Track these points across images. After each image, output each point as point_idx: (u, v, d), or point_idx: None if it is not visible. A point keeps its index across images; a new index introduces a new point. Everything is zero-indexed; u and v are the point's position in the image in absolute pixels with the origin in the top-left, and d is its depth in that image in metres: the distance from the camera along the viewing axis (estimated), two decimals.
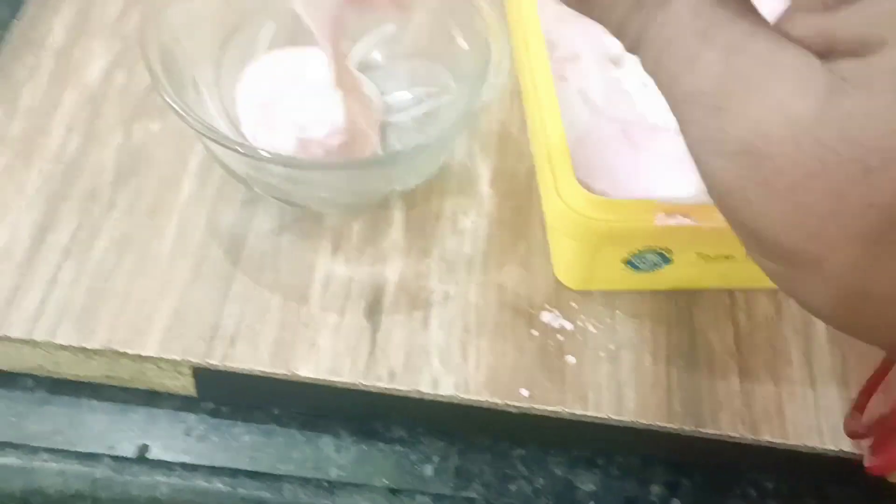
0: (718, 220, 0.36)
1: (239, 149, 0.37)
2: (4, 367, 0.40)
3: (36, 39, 0.49)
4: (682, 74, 0.22)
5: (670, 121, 0.43)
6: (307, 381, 0.39)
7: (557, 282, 0.42)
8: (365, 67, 0.47)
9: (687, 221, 0.36)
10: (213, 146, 0.38)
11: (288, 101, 0.42)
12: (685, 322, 0.42)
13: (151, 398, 0.41)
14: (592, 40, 0.46)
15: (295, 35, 0.46)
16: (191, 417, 0.41)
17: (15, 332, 0.39)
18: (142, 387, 0.40)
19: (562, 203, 0.36)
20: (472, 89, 0.43)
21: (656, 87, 0.24)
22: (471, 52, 0.44)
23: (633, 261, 0.39)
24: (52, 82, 0.48)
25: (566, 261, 0.41)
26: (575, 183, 0.36)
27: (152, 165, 0.45)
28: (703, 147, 0.22)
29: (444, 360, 0.40)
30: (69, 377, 0.40)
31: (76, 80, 0.48)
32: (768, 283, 0.41)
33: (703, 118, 0.22)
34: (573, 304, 0.42)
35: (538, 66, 0.41)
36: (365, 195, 0.42)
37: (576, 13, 0.47)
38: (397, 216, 0.44)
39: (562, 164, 0.37)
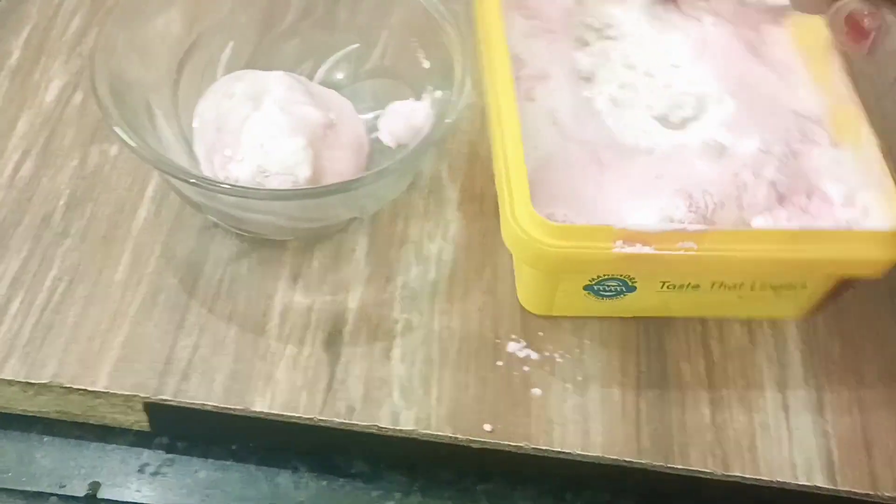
0: (680, 249, 0.35)
1: (189, 179, 0.36)
2: None
3: None
4: None
5: (642, 141, 0.43)
6: (262, 416, 0.37)
7: (524, 310, 0.41)
8: (328, 87, 0.46)
9: (647, 250, 0.35)
10: (164, 174, 0.37)
11: (249, 130, 0.41)
12: (655, 350, 0.40)
13: (105, 433, 0.39)
14: (562, 57, 0.45)
15: (254, 56, 0.45)
16: (145, 453, 0.39)
17: None
18: (95, 422, 0.39)
19: (517, 228, 0.35)
20: (435, 110, 0.41)
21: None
22: (433, 71, 0.43)
23: (595, 287, 0.38)
24: (8, 103, 0.46)
25: (528, 286, 0.40)
26: (530, 208, 0.35)
27: (108, 190, 0.44)
28: None
29: (406, 394, 0.38)
30: (19, 412, 0.39)
31: (32, 101, 0.47)
32: (737, 312, 0.41)
33: None
34: (540, 333, 0.41)
35: (501, 86, 0.40)
36: (324, 222, 0.41)
37: (546, 35, 0.46)
38: (361, 242, 0.43)
39: (519, 188, 0.36)
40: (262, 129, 0.41)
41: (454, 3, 0.51)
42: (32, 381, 0.37)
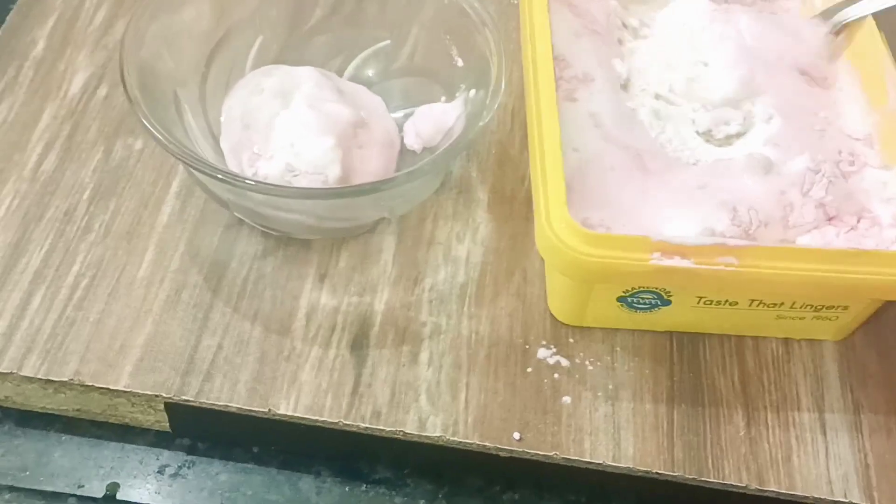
0: (719, 264, 0.34)
1: (217, 174, 0.35)
2: None
3: (18, 49, 0.48)
4: None
5: (685, 155, 0.41)
6: (286, 419, 0.37)
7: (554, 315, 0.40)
8: (359, 85, 0.45)
9: (685, 263, 0.33)
10: (191, 170, 0.36)
11: (278, 127, 0.40)
12: (689, 361, 0.39)
13: (124, 433, 0.39)
14: (606, 61, 0.44)
15: (282, 51, 0.45)
16: (165, 454, 0.38)
17: None
18: (115, 421, 0.38)
19: (552, 235, 0.34)
20: (468, 110, 0.41)
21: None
22: (467, 69, 0.42)
23: (629, 299, 0.37)
24: (31, 95, 0.46)
25: (559, 295, 0.39)
26: (566, 214, 0.34)
27: (132, 185, 0.43)
28: None
29: (433, 399, 0.37)
30: (38, 409, 0.38)
31: (57, 92, 0.46)
32: (774, 332, 0.40)
33: None
34: (570, 340, 0.40)
35: (543, 85, 0.38)
36: (352, 222, 0.40)
37: (591, 36, 0.45)
38: (388, 242, 0.42)
39: (555, 193, 0.35)
40: (291, 128, 0.40)
41: (488, 2, 0.50)
42: (53, 379, 0.37)
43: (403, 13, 0.45)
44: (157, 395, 0.37)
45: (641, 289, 0.37)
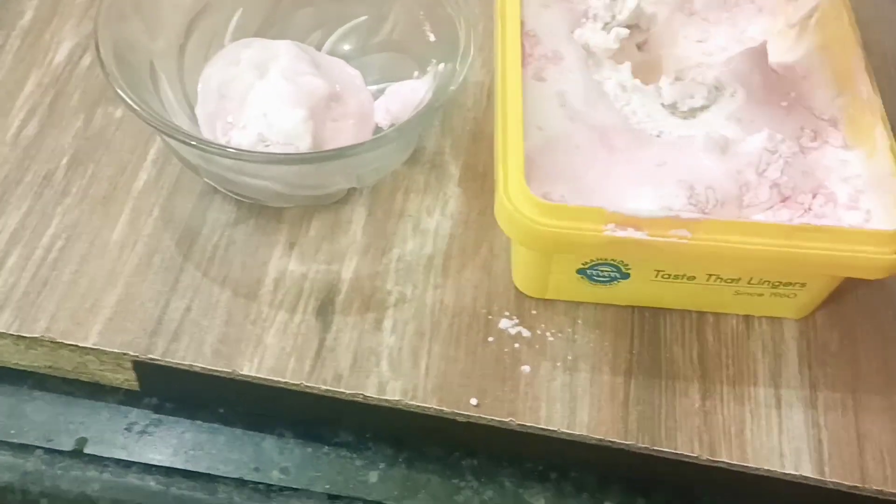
0: (672, 237, 0.35)
1: (189, 141, 0.36)
2: None
3: (6, 19, 0.49)
4: None
5: (649, 127, 0.42)
6: (249, 379, 0.38)
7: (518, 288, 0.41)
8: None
9: (639, 235, 0.34)
10: (163, 136, 0.37)
11: (252, 98, 0.41)
12: (650, 335, 0.40)
13: (95, 391, 0.40)
14: (573, 32, 0.44)
15: (263, 24, 0.45)
16: (133, 412, 0.39)
17: None
18: (85, 379, 0.39)
19: (509, 205, 0.35)
20: (437, 83, 0.41)
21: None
22: (438, 44, 0.43)
23: (589, 272, 0.37)
24: (17, 62, 0.47)
25: (522, 268, 0.40)
26: (524, 185, 0.35)
27: (110, 152, 0.44)
28: None
29: (394, 365, 0.38)
30: (11, 366, 0.39)
31: (42, 61, 0.47)
32: (734, 309, 0.40)
33: None
34: (533, 312, 0.40)
35: (509, 62, 0.39)
36: (322, 190, 0.41)
37: (560, 5, 0.45)
38: (359, 213, 0.43)
39: (514, 165, 0.36)
40: (265, 98, 0.41)
41: None
42: (24, 335, 0.38)
43: None
44: (124, 354, 0.38)
45: (599, 261, 0.37)
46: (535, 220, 0.35)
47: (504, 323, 0.40)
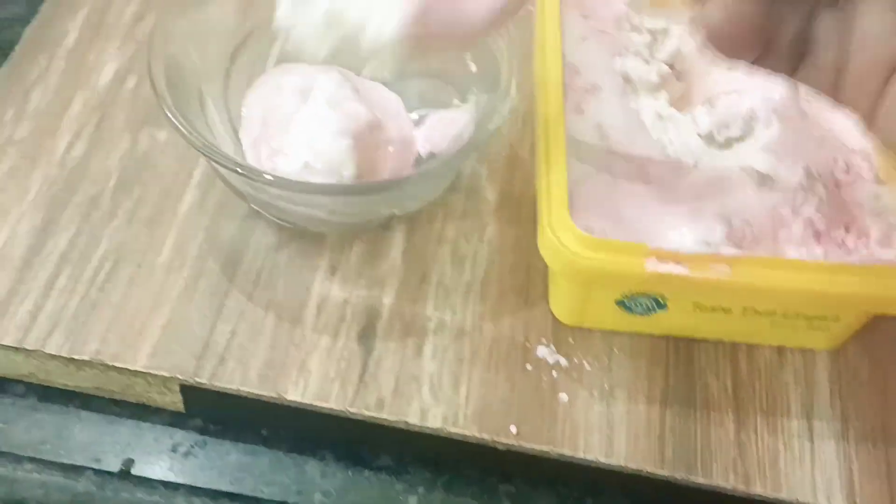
0: (713, 272, 0.36)
1: (237, 169, 0.37)
2: None
3: (50, 39, 0.49)
4: None
5: (686, 157, 0.43)
6: (294, 404, 0.38)
7: (555, 316, 0.42)
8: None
9: (679, 270, 0.35)
10: (212, 163, 0.38)
11: (297, 125, 0.41)
12: (684, 364, 0.41)
13: (141, 411, 0.40)
14: (612, 63, 0.45)
15: None
16: (178, 433, 0.40)
17: (7, 340, 0.39)
18: (132, 399, 0.40)
19: (553, 238, 0.36)
20: (479, 114, 0.42)
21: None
22: (479, 75, 0.43)
23: (626, 302, 0.38)
24: (63, 84, 0.48)
25: (560, 296, 0.40)
26: (567, 218, 0.36)
27: (156, 174, 0.45)
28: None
29: (435, 391, 0.39)
30: (60, 386, 0.40)
31: (87, 82, 0.48)
32: (769, 339, 0.41)
33: None
34: (570, 340, 0.41)
35: (552, 96, 0.40)
36: (365, 217, 0.42)
37: (599, 37, 0.46)
38: (398, 238, 0.44)
39: (558, 198, 0.36)
40: (309, 125, 0.41)
41: None
42: (75, 357, 0.39)
43: None
44: (172, 377, 0.38)
45: (639, 293, 0.38)
46: (578, 253, 0.36)
47: (542, 351, 0.41)
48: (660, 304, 0.39)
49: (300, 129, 0.41)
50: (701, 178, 0.41)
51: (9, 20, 0.54)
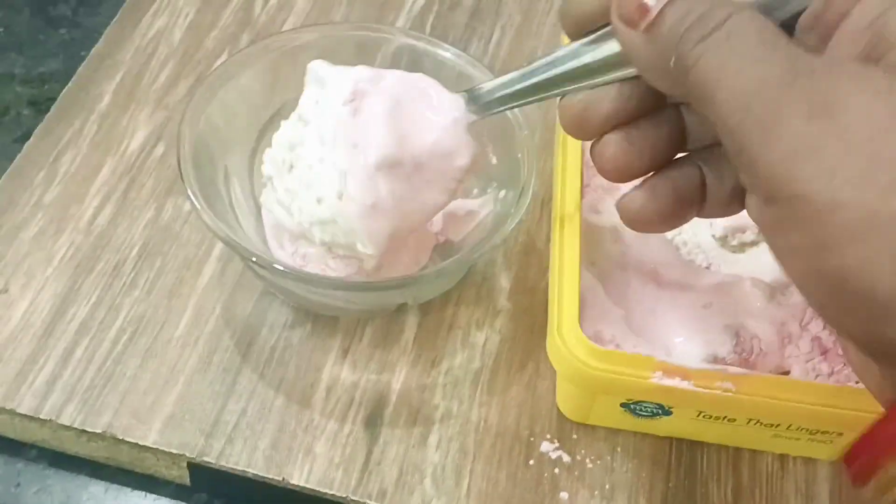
0: (717, 388, 0.36)
1: (251, 258, 0.38)
2: (10, 436, 0.41)
3: (85, 102, 0.51)
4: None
5: (699, 258, 0.43)
6: (298, 489, 0.39)
7: (560, 411, 0.42)
8: None
9: (685, 385, 0.35)
10: (228, 247, 0.39)
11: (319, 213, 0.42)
12: (686, 468, 0.41)
13: (149, 483, 0.41)
14: None
15: None
16: None
17: (23, 408, 0.40)
18: (140, 471, 0.41)
19: (562, 345, 0.36)
20: (498, 208, 0.43)
21: None
22: (500, 168, 0.44)
23: (632, 406, 0.39)
24: (94, 148, 0.49)
25: (566, 393, 0.41)
26: (576, 326, 0.36)
27: (178, 245, 0.46)
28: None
29: (437, 483, 0.40)
30: (71, 453, 0.41)
31: (117, 148, 0.49)
32: (771, 448, 0.41)
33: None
34: (574, 436, 0.42)
35: (569, 198, 0.41)
36: (379, 305, 0.43)
37: None
38: (410, 322, 0.44)
39: (569, 305, 0.37)
40: (331, 213, 0.42)
41: None
42: (88, 430, 0.39)
43: None
44: (181, 455, 0.39)
45: (644, 400, 0.38)
46: (586, 362, 0.36)
47: (545, 446, 0.41)
48: (665, 411, 0.39)
49: (323, 216, 0.42)
50: (712, 284, 0.42)
51: (48, 74, 0.56)
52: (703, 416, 0.39)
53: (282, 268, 0.38)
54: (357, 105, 0.38)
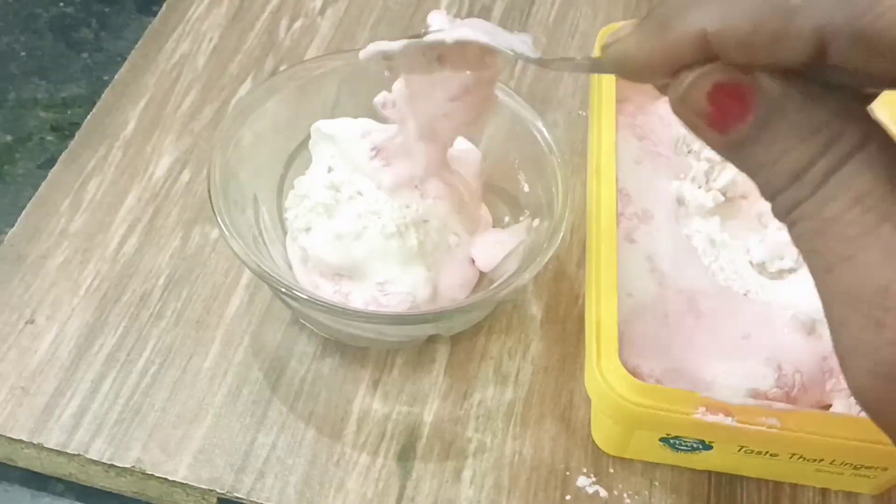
0: (762, 425, 0.35)
1: (281, 289, 0.37)
2: (37, 469, 0.41)
3: (110, 129, 0.50)
4: (839, 266, 0.20)
5: (736, 285, 0.42)
6: None
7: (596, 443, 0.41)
8: None
9: (728, 420, 0.35)
10: (257, 276, 0.38)
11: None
12: (725, 502, 0.40)
13: None
14: (666, 187, 0.45)
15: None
16: None
17: (51, 443, 0.39)
18: None
19: (602, 380, 0.36)
20: (531, 238, 0.42)
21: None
22: (531, 196, 0.43)
23: (672, 441, 0.38)
24: (119, 175, 0.48)
25: (603, 427, 0.40)
26: (617, 362, 0.36)
27: (205, 273, 0.45)
28: (851, 355, 0.20)
29: None
30: (99, 487, 0.41)
31: (143, 175, 0.48)
32: (813, 482, 0.40)
33: (857, 327, 0.20)
34: (611, 470, 0.41)
35: (604, 228, 0.40)
36: (409, 337, 0.42)
37: (654, 160, 0.45)
38: (441, 352, 0.44)
39: (607, 339, 0.36)
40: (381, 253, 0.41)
41: (557, 111, 0.52)
42: (116, 464, 0.39)
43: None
44: (211, 490, 0.38)
45: (685, 435, 0.38)
46: (626, 398, 0.35)
47: (582, 480, 0.40)
48: (705, 446, 0.38)
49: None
50: (751, 314, 0.41)
51: (70, 99, 0.56)
52: (745, 451, 0.38)
53: (314, 299, 0.37)
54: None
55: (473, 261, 0.42)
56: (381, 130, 0.43)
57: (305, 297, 0.37)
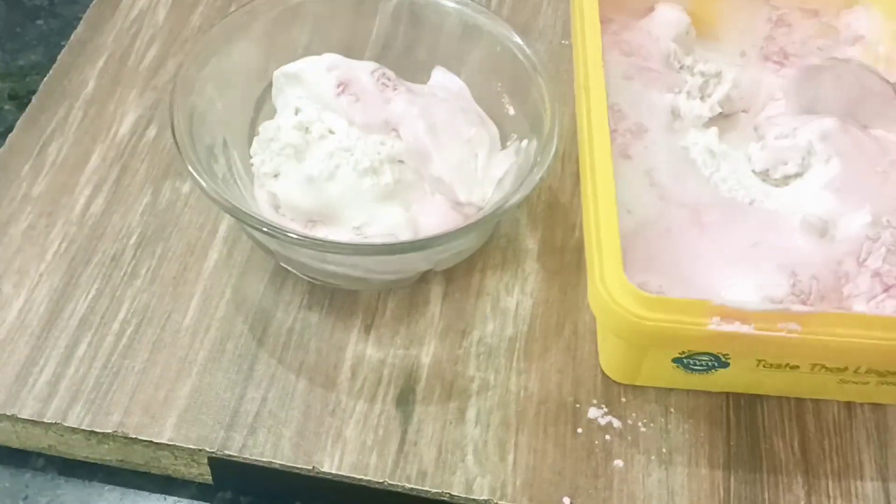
0: (781, 330, 0.33)
1: (262, 227, 0.35)
2: (14, 445, 0.38)
3: (69, 89, 0.48)
4: None
5: (740, 195, 0.40)
6: (330, 476, 0.36)
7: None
8: None
9: (745, 329, 0.32)
10: (237, 220, 0.36)
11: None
12: (747, 424, 0.38)
13: (167, 484, 0.38)
14: (659, 101, 0.43)
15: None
16: None
17: (25, 413, 0.37)
18: (157, 472, 0.38)
19: (606, 296, 0.33)
20: (520, 159, 0.40)
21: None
22: (519, 118, 0.41)
23: (685, 361, 0.36)
24: (81, 135, 0.46)
25: (611, 355, 0.38)
26: (623, 276, 0.33)
27: (179, 229, 0.43)
28: None
29: (480, 460, 0.36)
30: (81, 458, 0.38)
31: (106, 134, 0.46)
32: (837, 395, 0.38)
33: None
34: (622, 399, 0.38)
35: (597, 143, 0.37)
36: (399, 274, 0.39)
37: (644, 75, 0.43)
38: (435, 292, 0.41)
39: (610, 255, 0.34)
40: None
41: (539, 43, 0.50)
42: (97, 430, 0.36)
43: (454, 57, 0.44)
44: (200, 450, 0.36)
45: (699, 352, 0.35)
46: (635, 313, 0.33)
47: (593, 412, 0.38)
48: (721, 363, 0.36)
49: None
50: (758, 221, 0.39)
51: (28, 67, 0.53)
52: (763, 366, 0.36)
53: (296, 236, 0.34)
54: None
55: (459, 203, 0.40)
56: (348, 65, 0.41)
57: (290, 235, 0.35)
